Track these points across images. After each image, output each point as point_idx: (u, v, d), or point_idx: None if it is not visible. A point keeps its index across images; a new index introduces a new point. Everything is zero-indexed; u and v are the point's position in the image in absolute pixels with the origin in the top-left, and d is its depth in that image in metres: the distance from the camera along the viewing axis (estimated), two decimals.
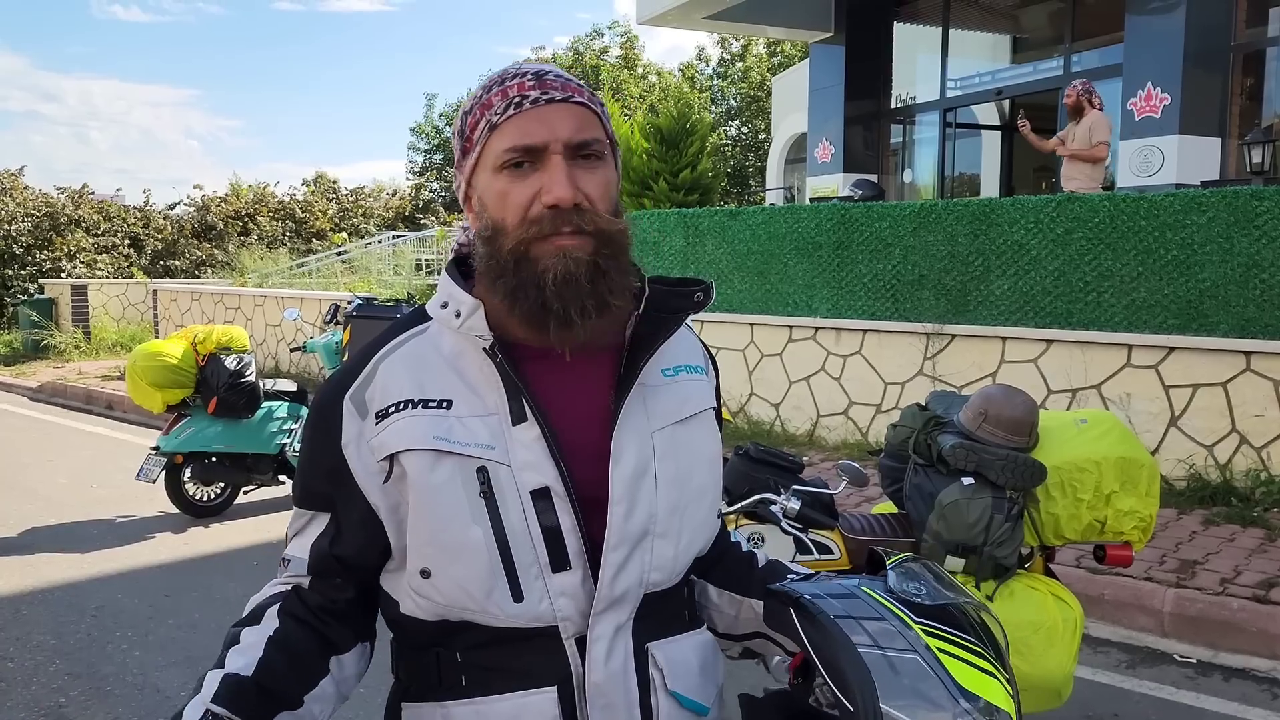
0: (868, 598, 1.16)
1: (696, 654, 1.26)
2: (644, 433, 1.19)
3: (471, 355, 1.17)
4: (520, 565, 1.13)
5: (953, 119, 12.30)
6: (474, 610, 1.14)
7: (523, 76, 1.16)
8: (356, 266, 16.48)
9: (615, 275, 1.14)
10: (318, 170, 37.34)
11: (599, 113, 1.18)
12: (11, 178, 18.93)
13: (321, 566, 1.21)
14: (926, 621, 1.12)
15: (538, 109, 1.13)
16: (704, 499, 1.26)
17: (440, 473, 1.13)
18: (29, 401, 11.54)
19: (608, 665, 1.15)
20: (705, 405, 1.28)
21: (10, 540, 5.76)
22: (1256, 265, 5.61)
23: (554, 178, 1.11)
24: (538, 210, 1.12)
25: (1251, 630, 4.04)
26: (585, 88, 1.19)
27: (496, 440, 1.14)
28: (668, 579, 1.22)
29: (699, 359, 1.32)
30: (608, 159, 1.18)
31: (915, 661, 1.07)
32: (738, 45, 28.19)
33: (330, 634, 1.22)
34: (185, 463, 6.10)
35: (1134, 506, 2.86)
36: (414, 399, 1.15)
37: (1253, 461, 5.56)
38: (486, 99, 1.16)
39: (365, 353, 1.21)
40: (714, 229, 8.34)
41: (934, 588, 1.19)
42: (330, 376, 1.23)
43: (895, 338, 7.04)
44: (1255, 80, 9.32)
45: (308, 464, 1.22)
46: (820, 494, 3.07)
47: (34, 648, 4.21)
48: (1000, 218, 6.62)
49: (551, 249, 1.11)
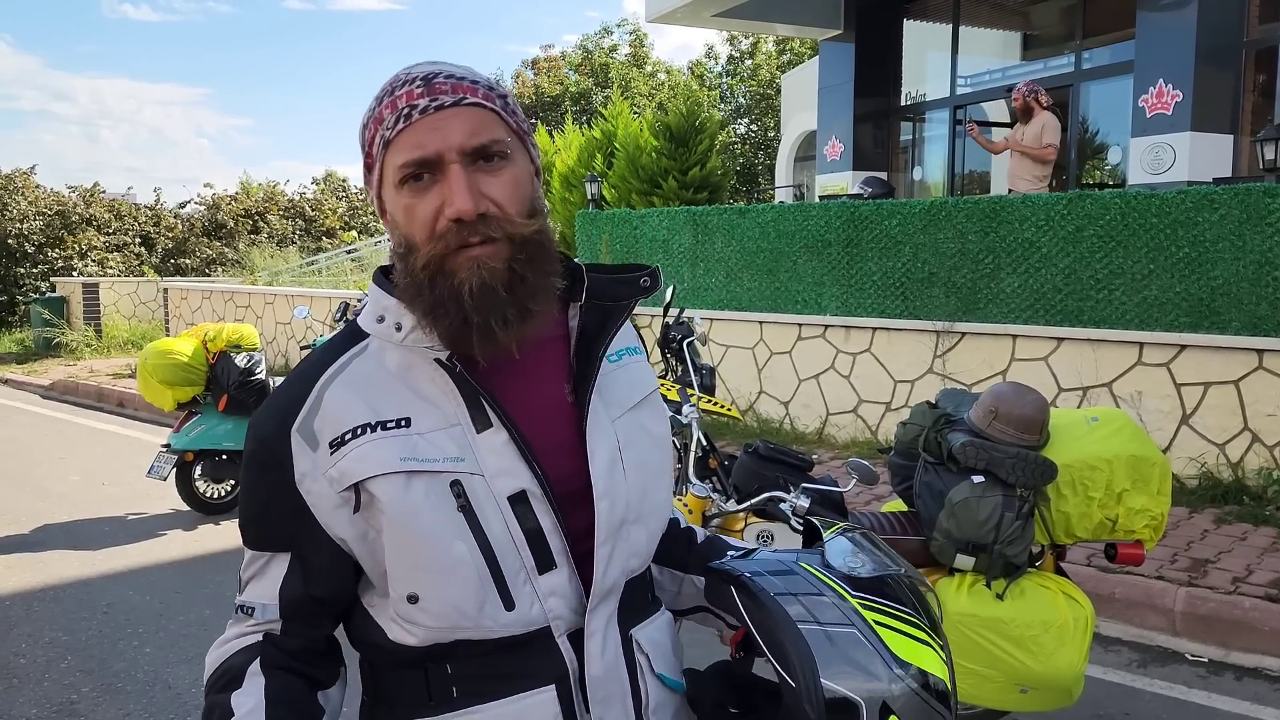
0: (806, 573, 1.18)
1: (666, 633, 1.28)
2: (606, 424, 1.19)
3: (421, 367, 1.13)
4: (508, 572, 1.10)
5: (963, 116, 12.25)
6: (468, 627, 1.11)
7: (411, 84, 1.10)
8: (366, 264, 16.53)
9: (534, 279, 1.09)
10: (327, 169, 37.43)
11: (498, 109, 1.12)
12: (23, 176, 18.99)
13: (296, 609, 1.15)
14: (863, 595, 1.14)
15: (428, 118, 1.08)
16: (662, 479, 1.26)
17: (414, 494, 1.08)
18: (41, 399, 11.59)
19: (604, 657, 1.16)
20: (651, 387, 1.29)
21: (22, 537, 5.79)
22: (1269, 263, 5.57)
23: (453, 189, 1.06)
24: (443, 224, 1.07)
25: (1263, 629, 4.02)
26: (481, 83, 1.12)
27: (464, 451, 1.10)
28: (642, 564, 1.24)
29: (633, 340, 1.31)
30: (514, 156, 1.12)
31: (853, 634, 1.09)
32: (747, 43, 28.15)
33: (316, 674, 1.19)
34: (196, 460, 6.13)
35: (1145, 505, 2.84)
36: (370, 422, 1.09)
37: (1265, 460, 5.53)
38: (378, 113, 1.11)
39: (302, 380, 1.14)
40: (723, 227, 8.33)
41: (871, 559, 1.21)
42: (262, 411, 1.15)
43: (905, 336, 7.02)
44: (1268, 77, 9.26)
45: (259, 506, 1.14)
46: (830, 492, 3.06)
47: (46, 644, 4.24)
48: (1010, 215, 6.59)
49: (464, 260, 1.07)
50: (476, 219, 1.07)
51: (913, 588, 1.20)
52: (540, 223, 1.13)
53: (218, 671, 1.16)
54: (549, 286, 1.12)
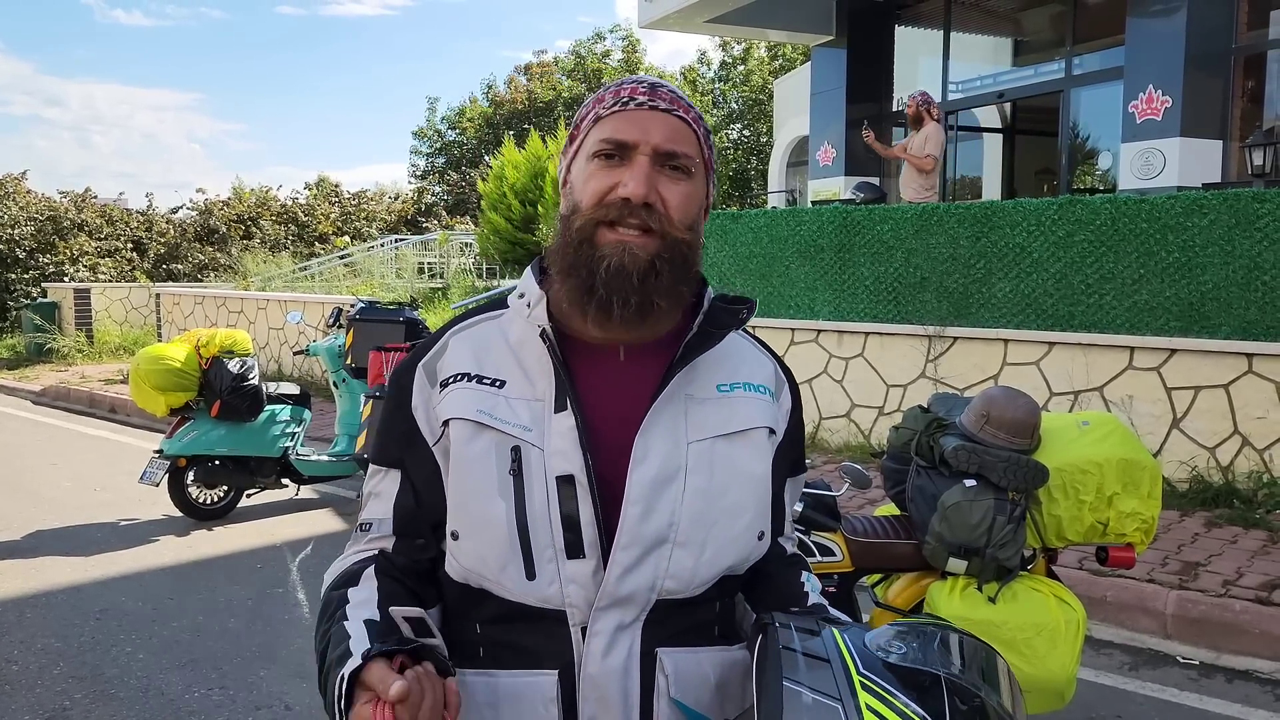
0: (830, 639, 1.12)
1: (716, 669, 1.24)
2: (679, 441, 1.21)
3: (532, 344, 1.23)
4: (536, 546, 1.17)
5: (954, 122, 12.31)
6: (489, 580, 1.19)
7: (639, 83, 1.24)
8: (359, 270, 16.52)
9: (668, 281, 1.19)
10: (320, 174, 37.39)
11: (699, 134, 1.24)
12: (15, 181, 18.95)
13: (406, 525, 1.26)
14: (874, 678, 1.07)
15: (640, 111, 1.20)
16: (739, 517, 1.23)
17: (477, 445, 1.19)
18: (32, 405, 11.55)
19: (605, 660, 1.17)
20: (756, 424, 1.27)
21: (14, 543, 5.77)
22: (1258, 267, 5.61)
23: (634, 174, 1.18)
24: (612, 198, 1.18)
25: (1254, 632, 4.04)
26: (694, 110, 1.26)
27: (536, 424, 1.19)
28: (684, 589, 1.21)
29: (766, 380, 1.32)
30: (696, 177, 1.23)
31: (834, 709, 1.03)
32: (739, 49, 28.21)
33: (421, 592, 1.26)
34: (188, 466, 6.11)
35: (1136, 508, 2.86)
36: (470, 373, 1.23)
37: (1255, 463, 5.56)
38: (601, 94, 1.25)
39: (443, 329, 1.31)
40: (716, 232, 8.35)
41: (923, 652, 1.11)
42: (414, 347, 1.32)
43: (897, 340, 7.04)
44: (1257, 83, 9.32)
45: (384, 424, 1.29)
46: (823, 496, 3.07)
47: (38, 650, 4.22)
48: (1002, 220, 6.62)
49: (614, 239, 1.18)
50: (642, 206, 1.17)
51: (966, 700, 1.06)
52: (693, 237, 1.23)
53: (338, 576, 1.26)
54: (678, 294, 1.22)
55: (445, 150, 31.03)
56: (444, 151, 31.04)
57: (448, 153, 30.92)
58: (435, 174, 30.29)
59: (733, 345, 1.31)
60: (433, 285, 15.16)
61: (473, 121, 30.14)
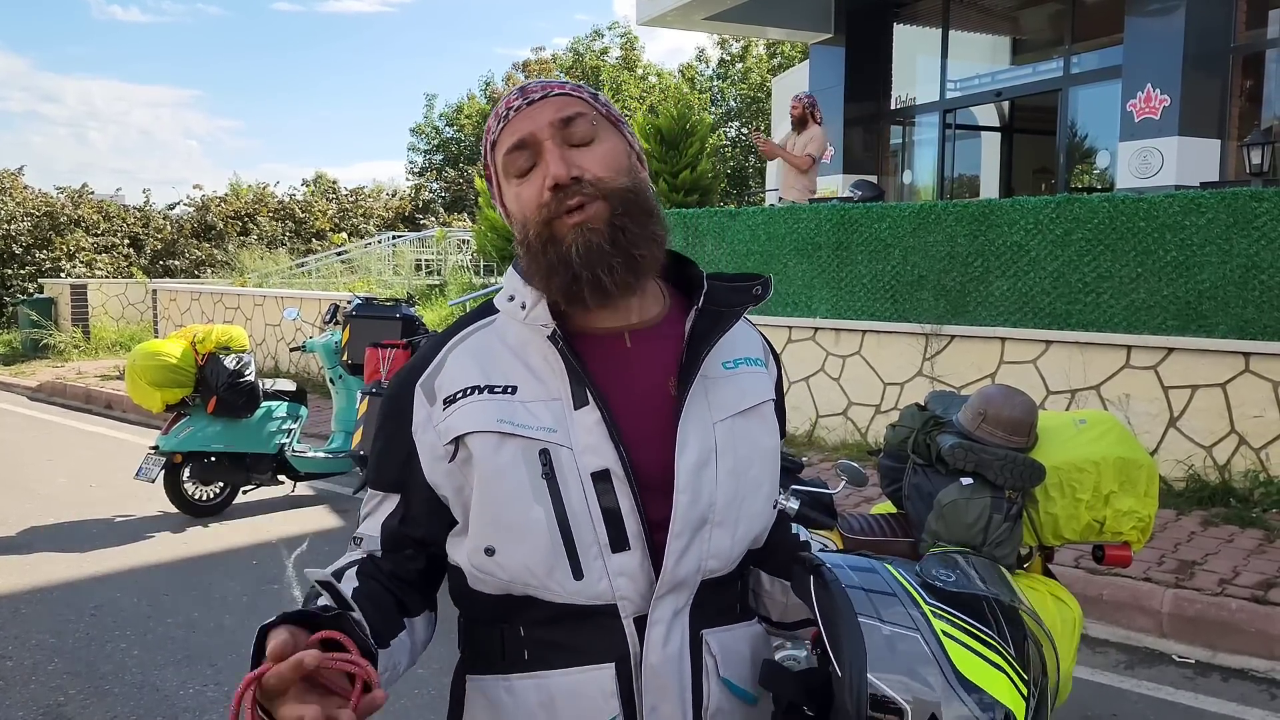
0: (886, 573, 1.15)
1: (748, 645, 1.29)
2: (706, 423, 1.23)
3: (536, 344, 1.22)
4: (581, 545, 1.17)
5: (952, 120, 12.31)
6: (535, 586, 1.18)
7: (508, 96, 1.26)
8: (356, 267, 16.51)
9: (635, 229, 1.19)
10: (317, 171, 37.38)
11: (584, 96, 1.24)
12: (11, 177, 18.93)
13: (393, 542, 1.26)
14: (940, 605, 1.11)
15: (521, 113, 1.22)
16: (760, 490, 1.28)
17: (504, 455, 1.17)
18: (28, 401, 11.54)
19: (665, 648, 1.19)
20: (764, 397, 1.31)
21: (9, 539, 5.76)
22: (1255, 267, 5.61)
23: (548, 161, 1.19)
24: (545, 196, 1.18)
25: (1250, 631, 4.05)
26: (569, 83, 1.26)
27: (559, 424, 1.18)
28: (723, 567, 1.25)
29: (758, 352, 1.36)
30: (603, 131, 1.23)
31: (915, 640, 1.06)
32: (737, 46, 28.19)
33: (403, 597, 1.25)
34: (184, 462, 6.11)
35: (1133, 507, 2.86)
36: (480, 385, 1.21)
37: (1251, 462, 5.56)
38: (487, 126, 1.27)
39: (435, 344, 1.28)
40: (713, 229, 8.34)
41: (968, 577, 1.17)
42: (403, 367, 1.30)
43: (894, 338, 7.04)
44: (1255, 82, 9.32)
45: (382, 449, 1.27)
46: (819, 494, 3.07)
47: (33, 646, 4.22)
48: (999, 219, 6.62)
49: (570, 223, 1.18)
50: (571, 182, 1.17)
51: (1011, 618, 1.14)
52: (633, 180, 1.22)
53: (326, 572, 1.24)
54: (652, 235, 1.22)
55: (443, 147, 31.00)
56: (441, 148, 31.00)
57: (445, 150, 30.89)
58: (433, 171, 30.26)
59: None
60: (430, 282, 15.14)
61: (470, 119, 30.11)
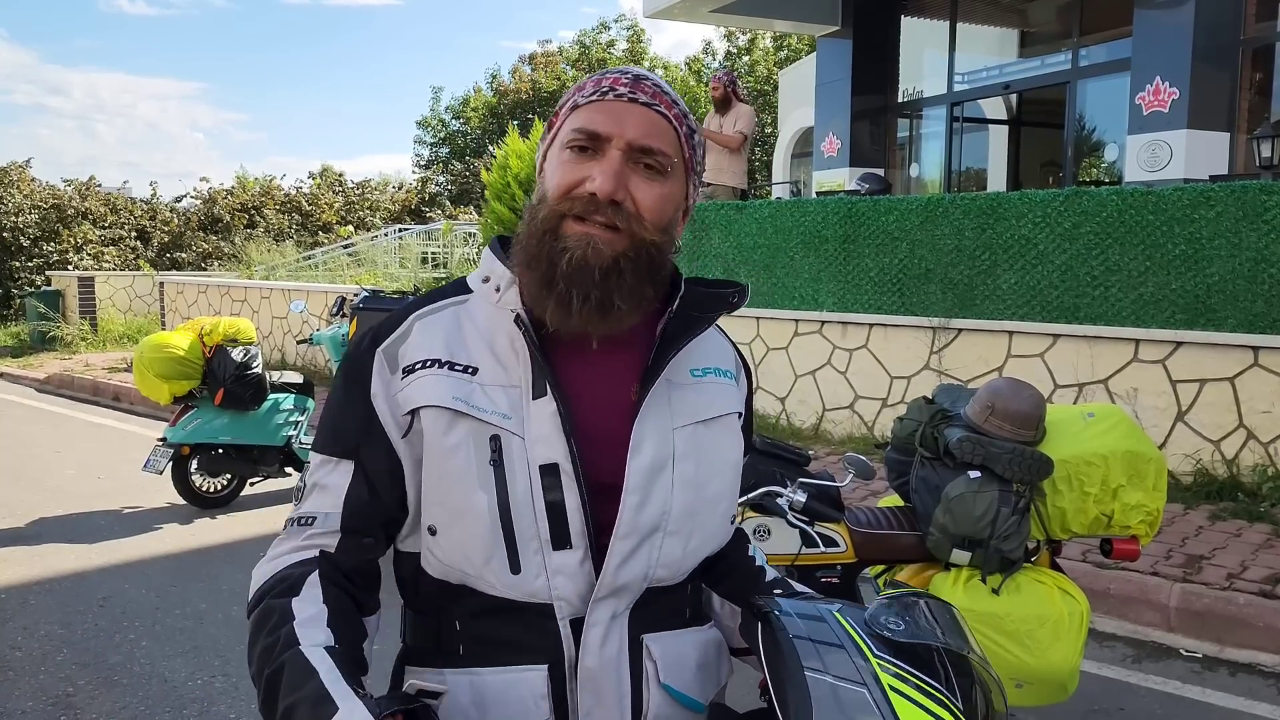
0: (835, 623, 1.13)
1: (695, 650, 1.25)
2: (665, 428, 1.20)
3: (504, 329, 1.19)
4: (521, 538, 1.13)
5: (959, 113, 12.26)
6: (471, 575, 1.15)
7: (622, 73, 1.19)
8: (363, 259, 16.49)
9: (631, 282, 1.13)
10: (324, 163, 37.33)
11: (680, 132, 1.19)
12: (19, 170, 18.94)
13: (356, 520, 1.18)
14: (887, 657, 1.09)
15: (618, 103, 1.15)
16: (719, 504, 1.25)
17: (455, 434, 1.14)
18: (36, 393, 11.56)
19: (603, 651, 1.16)
20: (730, 409, 1.28)
21: (18, 530, 5.78)
22: (1265, 260, 5.59)
23: (603, 169, 1.13)
24: (579, 192, 1.14)
25: (1258, 625, 4.04)
26: (679, 106, 1.20)
27: (514, 411, 1.15)
28: (672, 576, 1.22)
29: (729, 364, 1.32)
30: (673, 177, 1.18)
31: (861, 695, 1.04)
32: (744, 39, 28.12)
33: (361, 598, 1.20)
34: (192, 454, 6.12)
35: (1141, 501, 2.85)
36: (441, 359, 1.17)
37: (1260, 457, 5.55)
38: (582, 83, 1.21)
39: (403, 312, 1.23)
40: (720, 223, 8.33)
41: (918, 625, 1.14)
42: (368, 330, 1.24)
43: (901, 332, 7.03)
44: (1265, 75, 9.27)
45: (337, 411, 1.21)
46: (826, 487, 3.06)
47: (42, 637, 4.23)
48: (1007, 212, 6.60)
49: (580, 230, 1.13)
50: (609, 203, 1.12)
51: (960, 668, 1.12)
52: (665, 239, 1.18)
53: (273, 579, 1.16)
54: (641, 295, 1.16)
55: (449, 140, 30.98)
56: (448, 141, 30.99)
57: (451, 143, 30.88)
58: (439, 164, 30.25)
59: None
60: (436, 275, 15.13)
61: (477, 111, 30.09)
